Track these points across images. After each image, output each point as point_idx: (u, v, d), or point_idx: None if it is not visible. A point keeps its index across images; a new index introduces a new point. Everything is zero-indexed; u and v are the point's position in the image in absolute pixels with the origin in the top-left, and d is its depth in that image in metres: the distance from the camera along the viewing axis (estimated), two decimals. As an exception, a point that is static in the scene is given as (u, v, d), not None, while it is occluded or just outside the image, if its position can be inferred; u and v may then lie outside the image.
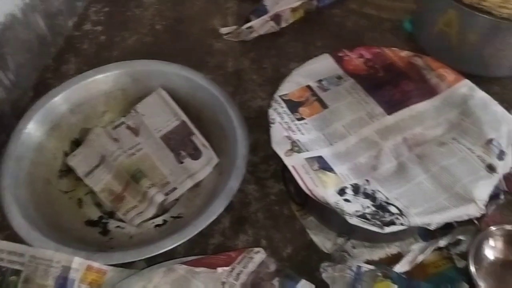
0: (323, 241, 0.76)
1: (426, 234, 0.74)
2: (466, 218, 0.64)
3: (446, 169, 0.68)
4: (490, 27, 0.89)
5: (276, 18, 1.07)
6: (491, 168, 0.67)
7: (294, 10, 1.09)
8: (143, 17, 1.15)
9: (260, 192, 0.82)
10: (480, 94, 0.76)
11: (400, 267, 0.71)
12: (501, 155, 0.68)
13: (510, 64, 0.98)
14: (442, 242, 0.72)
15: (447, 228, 0.73)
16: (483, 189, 0.65)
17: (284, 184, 0.80)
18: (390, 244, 0.75)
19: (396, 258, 0.73)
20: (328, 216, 0.71)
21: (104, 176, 0.80)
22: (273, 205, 0.81)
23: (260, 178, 0.84)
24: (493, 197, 0.78)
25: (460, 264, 0.72)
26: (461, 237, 0.74)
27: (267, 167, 0.85)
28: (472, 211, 0.63)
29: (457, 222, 0.73)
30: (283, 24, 1.08)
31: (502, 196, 0.78)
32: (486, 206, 0.76)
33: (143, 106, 0.85)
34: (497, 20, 0.87)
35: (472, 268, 0.69)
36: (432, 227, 0.64)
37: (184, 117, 0.83)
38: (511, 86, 0.98)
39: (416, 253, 0.72)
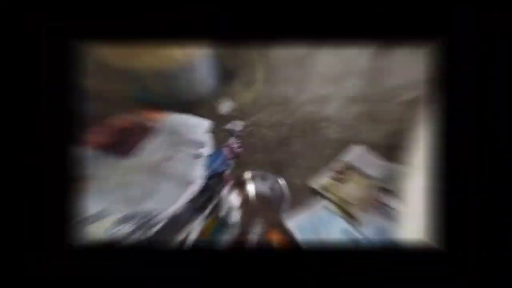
0: None
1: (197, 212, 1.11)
2: (195, 192, 1.02)
3: (175, 174, 1.06)
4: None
5: None
6: (196, 156, 1.07)
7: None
8: None
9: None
10: (177, 117, 1.17)
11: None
12: (201, 145, 1.09)
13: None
14: (207, 211, 1.09)
15: (209, 200, 1.11)
16: (194, 171, 1.04)
17: None
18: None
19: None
20: None
21: None
22: None
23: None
24: (226, 165, 1.19)
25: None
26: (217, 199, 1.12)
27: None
28: (195, 187, 1.02)
29: (214, 191, 1.11)
30: None
31: (230, 162, 1.20)
32: (226, 174, 1.17)
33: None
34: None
35: (224, 213, 1.06)
36: (182, 218, 1.00)
37: None
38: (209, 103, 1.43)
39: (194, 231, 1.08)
